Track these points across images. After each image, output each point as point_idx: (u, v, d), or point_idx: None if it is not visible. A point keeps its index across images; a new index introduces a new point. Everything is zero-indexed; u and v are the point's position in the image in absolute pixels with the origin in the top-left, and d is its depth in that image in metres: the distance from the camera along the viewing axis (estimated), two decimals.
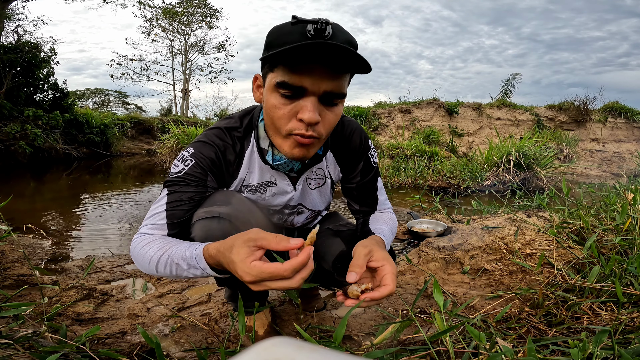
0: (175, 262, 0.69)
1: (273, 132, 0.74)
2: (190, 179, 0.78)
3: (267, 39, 0.70)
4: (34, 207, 3.45)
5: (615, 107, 9.23)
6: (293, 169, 0.87)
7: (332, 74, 0.66)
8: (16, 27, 7.71)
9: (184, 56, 17.63)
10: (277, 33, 0.68)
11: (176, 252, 0.69)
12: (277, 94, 0.69)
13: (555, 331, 0.98)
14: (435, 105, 9.15)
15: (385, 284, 0.67)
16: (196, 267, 0.67)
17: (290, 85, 0.66)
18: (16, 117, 6.57)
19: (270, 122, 0.73)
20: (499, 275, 1.53)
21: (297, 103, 0.68)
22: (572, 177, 6.03)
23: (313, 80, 0.66)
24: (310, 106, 0.67)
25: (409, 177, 5.11)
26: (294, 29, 0.64)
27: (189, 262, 0.67)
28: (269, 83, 0.70)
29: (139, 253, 0.73)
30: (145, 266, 0.73)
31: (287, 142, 0.72)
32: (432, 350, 0.80)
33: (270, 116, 0.72)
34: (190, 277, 0.70)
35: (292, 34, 0.64)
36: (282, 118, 0.70)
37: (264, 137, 0.84)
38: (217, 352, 1.02)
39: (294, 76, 0.66)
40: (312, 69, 0.65)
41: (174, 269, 0.69)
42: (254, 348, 0.21)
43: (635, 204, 1.70)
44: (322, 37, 0.63)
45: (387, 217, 0.98)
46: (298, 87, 0.67)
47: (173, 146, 5.84)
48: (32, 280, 1.48)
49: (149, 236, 0.75)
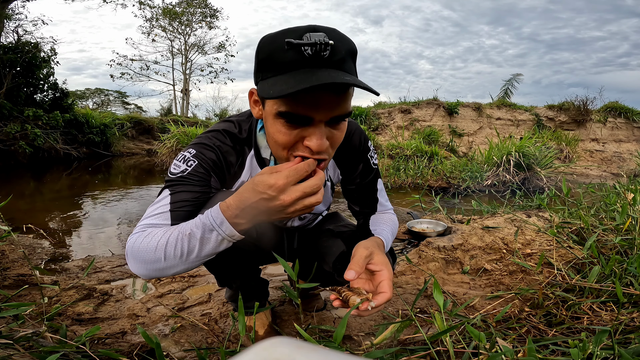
0: (187, 233, 0.64)
1: (278, 152, 0.70)
2: (194, 179, 0.75)
3: (260, 55, 0.65)
4: (34, 207, 3.45)
5: (615, 107, 9.24)
6: None
7: (337, 97, 0.62)
8: (16, 27, 7.73)
9: (184, 56, 17.64)
10: (269, 48, 0.63)
11: (185, 225, 0.66)
12: (280, 121, 0.64)
13: (555, 331, 0.98)
14: (435, 105, 9.15)
15: (382, 291, 0.67)
16: (212, 229, 0.63)
17: (295, 115, 0.62)
18: (16, 117, 6.57)
19: (272, 145, 0.70)
20: (499, 275, 1.53)
21: (303, 130, 0.64)
22: (572, 177, 6.03)
23: (319, 110, 0.62)
24: (318, 134, 0.63)
25: (409, 177, 5.12)
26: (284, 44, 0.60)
27: (204, 224, 0.64)
28: (270, 110, 0.65)
29: (141, 246, 0.67)
30: (149, 258, 0.66)
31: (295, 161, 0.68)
32: (432, 350, 0.80)
33: (274, 140, 0.68)
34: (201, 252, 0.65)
35: (287, 52, 0.60)
36: (289, 143, 0.66)
37: (265, 147, 0.82)
38: (217, 352, 1.02)
39: (298, 106, 0.61)
40: (317, 98, 0.61)
41: (185, 244, 0.64)
42: (254, 348, 0.21)
43: (635, 204, 1.70)
44: (321, 55, 0.59)
45: (388, 218, 0.97)
46: (304, 117, 0.62)
47: (173, 146, 5.85)
48: (32, 280, 1.48)
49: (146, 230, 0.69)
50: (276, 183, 0.58)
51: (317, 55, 0.59)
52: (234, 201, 0.63)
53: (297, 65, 0.60)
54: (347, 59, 0.63)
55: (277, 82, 0.60)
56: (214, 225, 0.63)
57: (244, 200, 0.62)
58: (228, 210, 0.63)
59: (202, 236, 0.64)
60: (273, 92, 0.59)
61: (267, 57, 0.63)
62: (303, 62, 0.60)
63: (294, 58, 0.60)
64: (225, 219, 0.63)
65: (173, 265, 0.66)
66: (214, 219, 0.64)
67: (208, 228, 0.64)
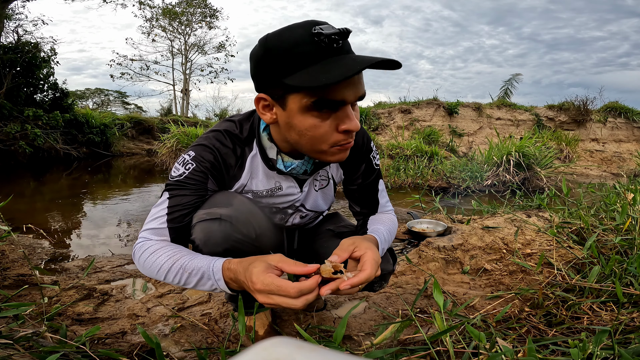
0: (188, 272, 0.69)
1: (310, 149, 0.72)
2: (191, 183, 0.77)
3: (271, 54, 0.65)
4: (34, 207, 3.45)
5: (615, 107, 9.24)
6: (307, 170, 0.87)
7: (360, 78, 0.68)
8: (16, 27, 7.72)
9: (184, 56, 17.64)
10: (283, 45, 0.64)
11: (190, 262, 0.69)
12: (312, 113, 0.66)
13: (555, 331, 0.98)
14: (435, 105, 9.15)
15: (364, 269, 0.65)
16: (209, 278, 0.67)
17: (330, 101, 0.65)
18: (16, 117, 6.57)
19: (306, 142, 0.71)
20: (499, 275, 1.53)
21: (335, 115, 0.67)
22: (572, 177, 6.03)
23: (350, 91, 0.65)
24: (351, 115, 0.67)
25: (409, 177, 5.12)
26: (301, 36, 0.63)
27: (204, 272, 0.68)
28: (299, 105, 0.66)
29: (147, 260, 0.72)
30: (152, 273, 0.72)
31: (329, 152, 0.72)
32: (432, 350, 0.80)
33: (307, 136, 0.69)
34: (197, 288, 0.70)
35: (303, 44, 0.62)
36: (325, 135, 0.69)
37: (270, 147, 0.82)
38: (217, 352, 1.02)
39: (334, 92, 0.64)
40: (349, 80, 0.64)
41: (184, 278, 0.69)
42: (254, 348, 0.21)
43: (635, 204, 1.70)
44: (337, 44, 0.63)
45: (387, 218, 0.97)
46: (339, 101, 0.65)
47: (173, 146, 5.84)
48: (32, 280, 1.48)
49: (154, 242, 0.75)
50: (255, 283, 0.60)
51: (333, 44, 0.63)
52: (235, 267, 0.66)
53: (320, 55, 0.63)
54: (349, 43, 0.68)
55: (313, 73, 0.62)
56: (213, 277, 0.67)
57: (237, 272, 0.65)
58: (228, 272, 0.67)
59: (200, 279, 0.69)
60: (325, 79, 0.60)
61: (283, 53, 0.64)
62: (324, 51, 0.63)
63: (314, 49, 0.63)
64: (222, 277, 0.67)
65: (172, 284, 0.74)
66: (213, 273, 0.67)
67: (207, 276, 0.68)
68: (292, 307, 0.59)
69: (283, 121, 0.71)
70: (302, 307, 0.60)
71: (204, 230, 0.75)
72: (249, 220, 0.79)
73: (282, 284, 0.58)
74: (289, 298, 0.58)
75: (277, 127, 0.77)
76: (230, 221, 0.76)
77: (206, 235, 0.75)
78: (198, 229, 0.76)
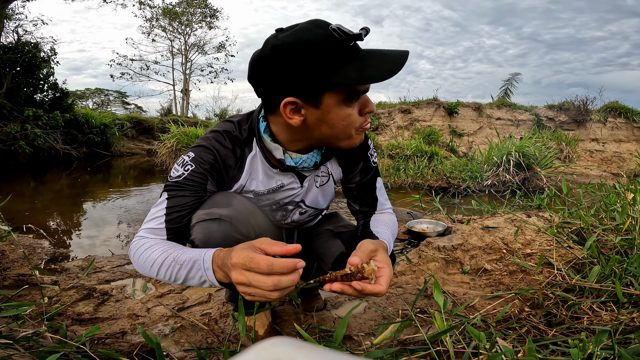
0: (179, 264, 0.68)
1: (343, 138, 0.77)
2: (189, 184, 0.78)
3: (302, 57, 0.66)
4: (34, 207, 3.45)
5: (615, 107, 9.24)
6: (316, 162, 0.88)
7: None
8: (16, 27, 7.71)
9: (184, 56, 17.61)
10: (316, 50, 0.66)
11: (183, 254, 0.69)
12: (347, 104, 0.73)
13: (555, 331, 0.98)
14: (435, 105, 9.15)
15: (379, 284, 0.66)
16: (199, 268, 0.66)
17: (360, 91, 0.72)
18: (16, 117, 6.57)
19: (340, 132, 0.76)
20: (499, 275, 1.53)
21: (358, 102, 0.75)
22: (572, 177, 6.03)
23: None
24: (369, 99, 0.77)
25: (409, 177, 5.12)
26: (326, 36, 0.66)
27: (195, 261, 0.67)
28: (335, 100, 0.71)
29: (141, 256, 0.72)
30: (146, 268, 0.72)
31: (355, 136, 0.79)
32: (432, 350, 0.80)
33: (342, 127, 0.75)
34: (187, 282, 0.69)
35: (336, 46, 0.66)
36: (355, 121, 0.76)
37: (275, 148, 0.82)
38: (217, 352, 1.02)
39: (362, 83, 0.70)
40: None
41: (175, 270, 0.69)
42: (254, 348, 0.21)
43: (635, 204, 1.70)
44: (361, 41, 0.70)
45: (388, 219, 0.97)
46: (365, 91, 0.73)
47: (173, 146, 5.84)
48: (32, 280, 1.48)
49: (149, 239, 0.75)
50: (232, 258, 0.59)
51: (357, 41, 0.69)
52: (223, 253, 0.64)
53: (353, 52, 0.69)
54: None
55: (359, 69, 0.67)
56: (202, 267, 0.66)
57: (225, 257, 0.63)
58: (217, 258, 0.65)
59: (189, 271, 0.67)
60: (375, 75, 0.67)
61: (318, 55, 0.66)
62: (354, 49, 0.69)
63: (345, 48, 0.67)
64: (211, 266, 0.65)
65: (164, 281, 0.72)
66: (203, 262, 0.66)
67: (197, 266, 0.67)
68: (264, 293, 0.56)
69: (314, 119, 0.73)
70: (276, 296, 0.57)
71: (204, 231, 0.75)
72: (249, 220, 0.79)
73: (255, 256, 0.57)
74: (260, 275, 0.56)
75: (290, 128, 0.77)
76: (230, 221, 0.76)
77: (206, 236, 0.75)
78: (198, 229, 0.76)
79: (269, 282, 0.56)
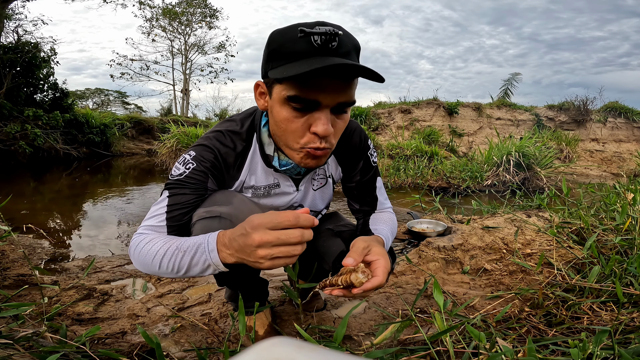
0: (183, 251, 0.67)
1: (284, 143, 0.74)
2: (191, 182, 0.78)
3: (270, 46, 0.68)
4: (34, 207, 3.45)
5: (615, 107, 9.24)
6: (300, 172, 0.88)
7: (344, 85, 0.66)
8: (16, 27, 7.72)
9: (184, 56, 17.61)
10: (280, 40, 0.66)
11: (186, 242, 0.68)
12: (288, 107, 0.68)
13: (555, 331, 0.98)
14: (435, 105, 9.15)
15: (376, 276, 0.67)
16: (203, 252, 0.65)
17: (303, 99, 0.66)
18: (16, 117, 6.57)
19: (281, 134, 0.73)
20: (499, 275, 1.53)
21: (310, 115, 0.68)
22: (572, 177, 6.03)
23: (326, 94, 0.65)
24: (324, 119, 0.67)
25: (409, 177, 5.12)
26: (296, 34, 0.63)
27: (199, 245, 0.66)
28: (279, 96, 0.68)
29: (142, 250, 0.72)
30: (147, 263, 0.71)
31: (300, 154, 0.73)
32: (432, 350, 0.80)
33: (281, 129, 0.71)
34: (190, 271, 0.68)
35: (298, 42, 0.63)
36: (296, 131, 0.69)
37: (268, 143, 0.83)
38: (217, 352, 1.02)
39: (306, 90, 0.65)
40: (324, 83, 0.65)
41: (179, 259, 0.67)
42: (254, 348, 0.21)
43: (635, 204, 1.70)
44: (329, 47, 0.63)
45: (387, 217, 0.98)
46: (312, 101, 0.66)
47: (173, 146, 5.84)
48: (32, 280, 1.48)
49: (150, 235, 0.75)
50: (253, 221, 0.59)
51: (326, 45, 0.63)
52: (230, 231, 0.64)
53: (308, 54, 0.63)
54: (352, 53, 0.67)
55: (289, 68, 0.63)
56: (206, 248, 0.65)
57: (234, 232, 0.63)
58: (222, 237, 0.65)
59: (193, 256, 0.66)
60: (286, 73, 0.62)
61: (278, 47, 0.66)
62: (313, 51, 0.63)
63: (305, 48, 0.63)
64: (216, 246, 0.65)
65: (166, 275, 0.71)
66: (208, 244, 0.66)
67: (201, 250, 0.66)
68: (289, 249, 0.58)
69: (270, 109, 0.74)
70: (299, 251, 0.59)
71: (204, 228, 0.75)
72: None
73: (279, 212, 0.59)
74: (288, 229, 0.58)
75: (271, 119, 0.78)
76: (230, 219, 0.76)
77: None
78: (198, 227, 0.76)
79: (297, 233, 0.58)
